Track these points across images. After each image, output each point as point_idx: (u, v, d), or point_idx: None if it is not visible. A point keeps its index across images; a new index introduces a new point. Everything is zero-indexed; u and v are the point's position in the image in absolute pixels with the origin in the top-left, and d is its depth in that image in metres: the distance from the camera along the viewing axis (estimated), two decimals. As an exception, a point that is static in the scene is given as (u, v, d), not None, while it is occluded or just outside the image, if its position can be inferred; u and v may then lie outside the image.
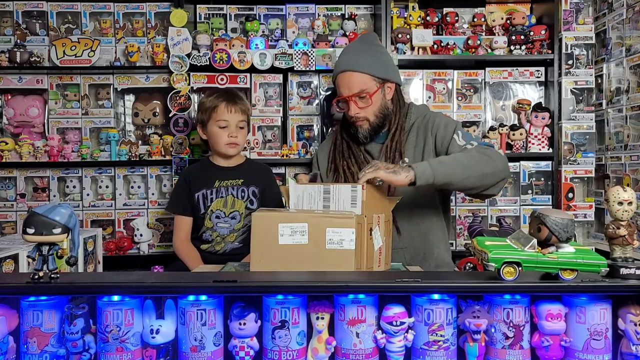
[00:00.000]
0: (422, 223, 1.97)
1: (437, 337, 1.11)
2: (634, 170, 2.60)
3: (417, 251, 1.95)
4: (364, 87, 1.92)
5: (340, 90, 1.97)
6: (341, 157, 2.06)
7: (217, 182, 2.24)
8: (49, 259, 1.07)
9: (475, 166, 1.73)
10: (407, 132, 2.00)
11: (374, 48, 2.01)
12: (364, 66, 1.93)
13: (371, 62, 1.94)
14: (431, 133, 1.96)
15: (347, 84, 1.94)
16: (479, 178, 1.73)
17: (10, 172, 2.75)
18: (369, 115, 1.95)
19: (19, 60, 2.65)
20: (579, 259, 1.06)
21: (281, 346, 1.11)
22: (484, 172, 1.73)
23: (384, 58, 2.02)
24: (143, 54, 2.73)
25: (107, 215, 2.75)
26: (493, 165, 1.75)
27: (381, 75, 1.95)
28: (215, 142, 2.23)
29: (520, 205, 2.76)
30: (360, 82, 1.92)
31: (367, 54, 1.96)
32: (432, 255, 1.97)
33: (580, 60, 2.70)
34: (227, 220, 2.22)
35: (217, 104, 2.21)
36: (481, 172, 1.73)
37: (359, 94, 1.92)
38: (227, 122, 2.20)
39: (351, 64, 1.94)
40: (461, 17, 2.89)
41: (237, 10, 2.88)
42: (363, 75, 1.92)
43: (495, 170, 1.76)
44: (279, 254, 1.42)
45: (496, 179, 1.78)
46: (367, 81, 1.93)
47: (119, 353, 1.09)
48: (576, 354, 1.12)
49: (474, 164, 1.73)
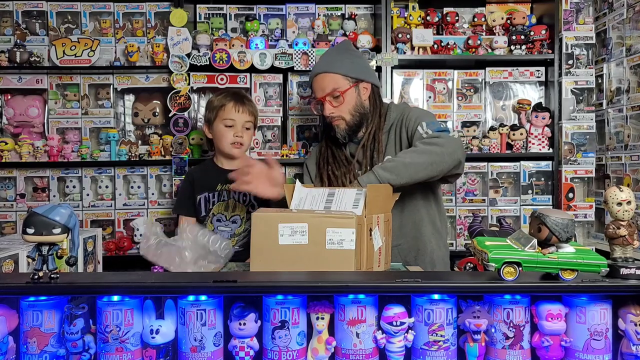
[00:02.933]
0: (411, 217, 1.99)
1: (437, 337, 1.11)
2: (634, 170, 2.60)
3: (410, 247, 1.98)
4: (335, 86, 1.99)
5: (316, 93, 2.06)
6: (325, 162, 2.11)
7: (220, 185, 2.23)
8: (48, 259, 1.07)
9: (418, 160, 1.75)
10: (387, 131, 2.04)
11: (348, 52, 2.10)
12: (335, 67, 2.01)
13: (343, 64, 2.03)
14: (405, 128, 1.99)
15: (320, 85, 2.03)
16: (428, 169, 1.76)
17: (10, 172, 2.75)
18: (344, 114, 2.01)
19: (18, 60, 2.65)
20: (579, 259, 1.06)
21: (281, 346, 1.10)
22: (430, 162, 1.76)
23: (358, 60, 2.11)
24: (143, 53, 2.73)
25: (107, 215, 2.75)
26: (438, 153, 1.77)
27: (354, 75, 2.02)
28: (220, 141, 2.22)
29: (520, 205, 2.76)
30: (332, 81, 2.00)
31: (340, 56, 2.06)
32: (426, 250, 1.99)
33: (581, 60, 2.70)
34: (228, 224, 2.22)
35: (224, 102, 2.21)
36: (427, 163, 1.75)
37: (331, 93, 2.00)
38: (234, 122, 2.20)
39: (324, 67, 2.04)
40: (461, 17, 2.89)
41: (237, 10, 2.88)
42: (335, 75, 2.00)
43: (443, 158, 1.78)
44: (279, 254, 1.42)
45: (447, 164, 1.80)
46: (338, 80, 2.00)
47: (118, 353, 1.09)
48: (576, 354, 1.12)
49: (416, 159, 1.76)
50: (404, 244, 1.97)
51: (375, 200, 1.56)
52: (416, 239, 1.99)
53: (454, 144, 1.83)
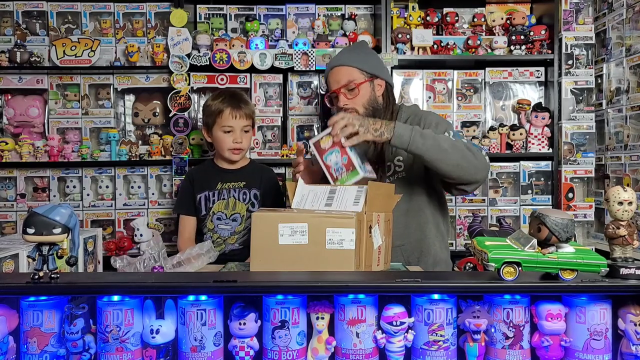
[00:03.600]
0: (416, 218, 1.98)
1: (437, 337, 1.11)
2: (634, 170, 2.60)
3: (414, 248, 1.97)
4: (351, 79, 1.98)
5: (331, 86, 2.04)
6: None
7: (220, 184, 2.25)
8: (49, 259, 1.07)
9: (453, 154, 1.73)
10: None
11: (364, 50, 2.12)
12: (352, 60, 2.01)
13: (360, 58, 2.02)
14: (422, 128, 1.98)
15: (336, 78, 2.01)
16: (453, 166, 1.74)
17: (10, 172, 2.75)
18: (358, 107, 1.99)
19: (19, 60, 2.65)
20: (579, 259, 1.06)
21: (281, 346, 1.10)
22: (459, 163, 1.74)
23: (374, 57, 2.11)
24: (143, 54, 2.74)
25: (107, 215, 2.75)
26: (471, 160, 1.75)
27: (370, 70, 2.01)
28: (220, 146, 2.25)
29: (520, 205, 2.76)
30: (348, 73, 1.99)
31: (356, 52, 2.07)
32: (429, 252, 1.98)
33: (580, 60, 2.70)
34: (229, 222, 2.22)
35: (222, 108, 2.21)
36: (456, 161, 1.73)
37: (346, 85, 1.98)
38: (232, 128, 2.21)
39: (340, 60, 2.04)
40: (461, 17, 2.89)
41: (237, 10, 2.88)
42: (351, 69, 2.00)
43: (471, 166, 1.75)
44: (279, 254, 1.42)
45: (470, 175, 1.78)
46: (354, 73, 1.99)
47: (119, 353, 1.09)
48: (576, 354, 1.12)
49: (452, 151, 1.73)
50: (408, 244, 1.96)
51: (375, 198, 1.56)
52: (420, 241, 1.98)
53: (485, 166, 1.82)
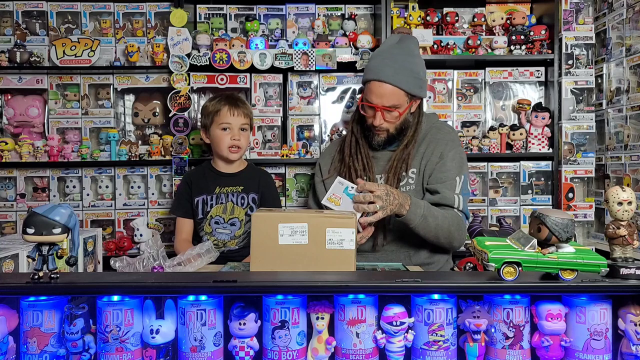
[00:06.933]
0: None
1: (437, 337, 1.11)
2: (634, 170, 2.60)
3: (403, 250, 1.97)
4: (396, 103, 1.90)
5: (371, 96, 1.92)
6: (349, 150, 2.06)
7: (218, 188, 2.24)
8: (49, 259, 1.07)
9: (439, 235, 1.86)
10: (419, 143, 2.01)
11: (414, 60, 1.95)
12: (401, 82, 1.89)
13: (409, 78, 1.90)
14: (437, 151, 1.98)
15: (379, 92, 1.90)
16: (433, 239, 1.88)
17: (10, 172, 2.75)
18: (391, 128, 1.96)
19: (19, 60, 2.65)
20: (579, 259, 1.06)
21: (281, 346, 1.11)
22: (439, 240, 1.89)
23: (421, 73, 1.98)
24: (143, 54, 2.73)
25: (107, 215, 2.75)
26: (451, 238, 1.90)
27: (414, 93, 1.94)
28: (218, 145, 2.24)
29: (520, 205, 2.76)
30: (394, 97, 1.90)
31: (407, 68, 1.91)
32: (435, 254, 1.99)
33: (580, 60, 2.70)
34: (227, 226, 2.22)
35: (219, 107, 2.22)
36: (437, 239, 1.88)
37: (389, 108, 1.90)
38: (230, 125, 2.21)
39: (390, 77, 1.88)
40: (461, 17, 2.89)
41: (237, 10, 2.88)
42: (398, 91, 1.89)
43: (447, 242, 1.91)
44: (278, 254, 1.42)
45: (444, 245, 1.93)
46: (400, 97, 1.91)
47: (118, 353, 1.09)
48: (576, 354, 1.12)
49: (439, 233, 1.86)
50: (414, 246, 1.96)
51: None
52: (425, 242, 1.96)
53: (462, 241, 1.95)
